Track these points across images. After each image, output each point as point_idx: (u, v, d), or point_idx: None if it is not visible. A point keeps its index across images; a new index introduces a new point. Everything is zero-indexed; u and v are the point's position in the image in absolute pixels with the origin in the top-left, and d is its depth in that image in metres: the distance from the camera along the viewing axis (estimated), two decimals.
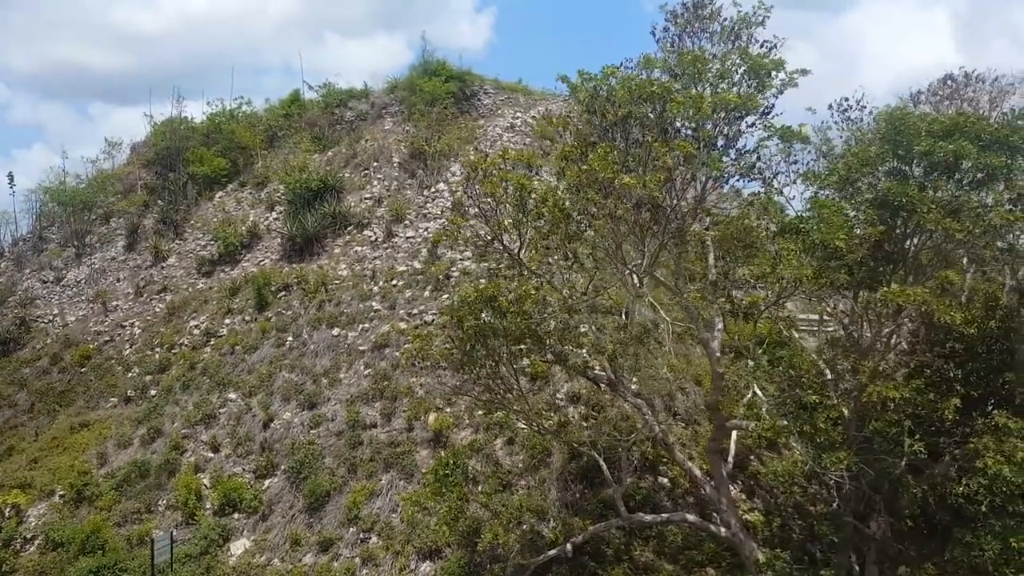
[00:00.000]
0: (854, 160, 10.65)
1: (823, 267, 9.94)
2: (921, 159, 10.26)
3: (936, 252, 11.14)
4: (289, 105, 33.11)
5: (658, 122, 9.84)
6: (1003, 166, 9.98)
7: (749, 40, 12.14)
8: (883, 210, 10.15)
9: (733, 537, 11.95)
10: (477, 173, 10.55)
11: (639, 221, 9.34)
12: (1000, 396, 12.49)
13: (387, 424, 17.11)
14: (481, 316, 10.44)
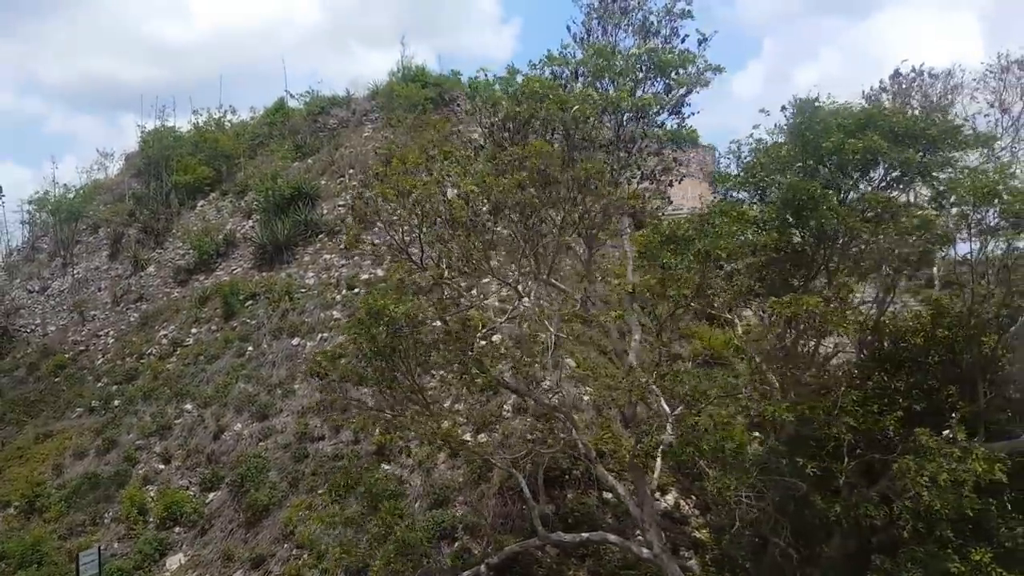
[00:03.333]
0: (765, 159, 10.10)
1: (712, 277, 9.40)
2: (831, 157, 9.66)
3: (858, 257, 10.52)
4: (273, 113, 33.19)
5: (544, 122, 9.39)
6: (917, 162, 9.36)
7: (673, 34, 11.61)
8: (789, 211, 9.59)
9: (656, 558, 11.42)
10: (377, 179, 10.22)
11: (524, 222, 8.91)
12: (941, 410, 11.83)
13: (334, 437, 16.84)
14: (377, 332, 10.08)
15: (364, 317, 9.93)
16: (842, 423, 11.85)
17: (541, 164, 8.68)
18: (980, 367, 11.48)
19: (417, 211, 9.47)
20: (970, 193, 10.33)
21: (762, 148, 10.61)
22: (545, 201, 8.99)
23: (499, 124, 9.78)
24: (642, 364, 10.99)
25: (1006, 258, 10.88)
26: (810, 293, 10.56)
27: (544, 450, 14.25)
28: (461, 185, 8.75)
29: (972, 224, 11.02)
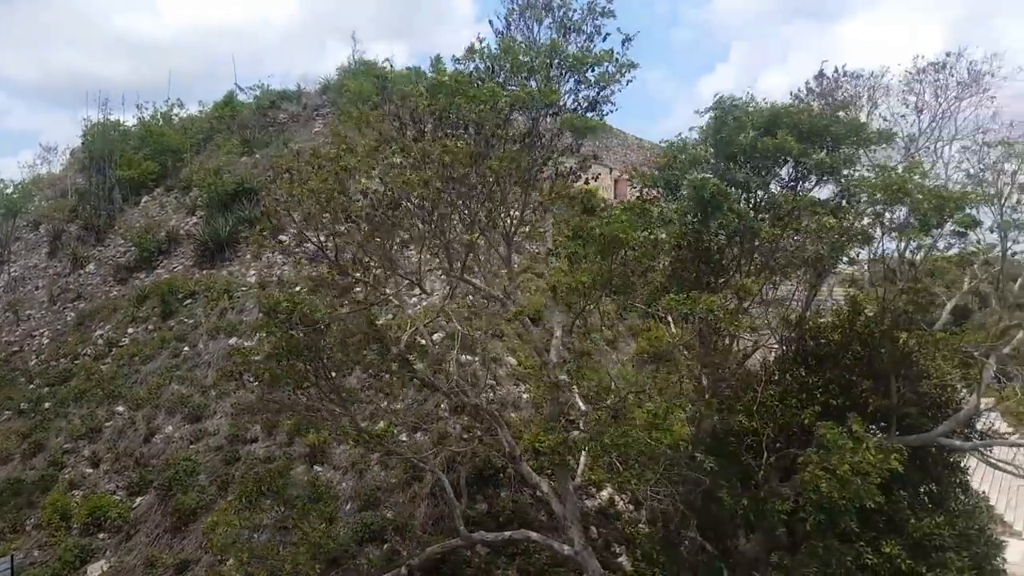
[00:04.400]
0: (681, 157, 10.12)
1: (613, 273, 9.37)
2: (744, 155, 9.71)
3: (768, 256, 10.60)
4: (222, 108, 32.59)
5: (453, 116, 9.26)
6: (823, 161, 9.45)
7: (595, 32, 11.58)
8: (698, 208, 9.61)
9: (576, 555, 11.44)
10: (286, 174, 10.03)
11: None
12: (857, 404, 12.00)
13: (268, 438, 16.57)
14: (281, 331, 9.89)
15: (266, 316, 9.73)
16: (761, 418, 12.02)
17: (447, 159, 8.58)
18: (894, 363, 11.67)
19: (328, 208, 9.29)
20: (880, 191, 10.50)
21: (678, 146, 10.64)
22: (453, 197, 8.90)
23: (409, 118, 9.65)
24: (563, 361, 10.96)
25: (914, 256, 11.08)
26: (722, 291, 10.64)
27: (477, 449, 14.26)
28: (363, 181, 8.61)
29: (884, 222, 11.23)
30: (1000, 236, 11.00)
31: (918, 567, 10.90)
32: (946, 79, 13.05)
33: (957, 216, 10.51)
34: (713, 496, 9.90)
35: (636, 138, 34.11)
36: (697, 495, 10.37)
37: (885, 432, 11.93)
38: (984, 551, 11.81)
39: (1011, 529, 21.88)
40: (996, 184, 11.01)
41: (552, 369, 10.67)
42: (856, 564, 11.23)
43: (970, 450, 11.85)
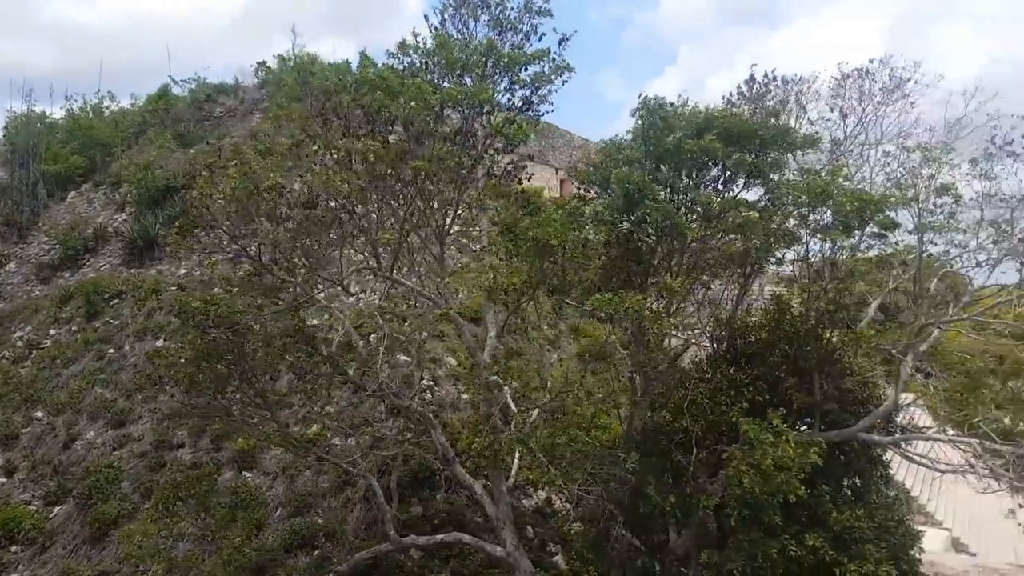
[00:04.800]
0: (613, 155, 10.17)
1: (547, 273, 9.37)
2: (671, 156, 9.81)
3: (696, 255, 10.76)
4: (156, 101, 31.50)
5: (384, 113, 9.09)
6: (745, 160, 9.62)
7: (531, 31, 11.50)
8: (625, 203, 9.66)
9: (508, 556, 11.40)
10: (206, 171, 9.70)
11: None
12: (783, 401, 12.29)
13: (195, 444, 16.05)
14: (207, 334, 9.56)
15: (179, 319, 9.38)
16: (692, 416, 12.19)
17: (371, 157, 8.41)
18: (818, 360, 11.98)
19: (246, 206, 9.01)
20: (805, 194, 10.76)
21: (612, 146, 10.69)
22: (379, 196, 8.73)
23: (333, 114, 9.42)
24: (495, 361, 10.90)
25: (837, 256, 11.39)
26: (650, 290, 10.75)
27: (412, 451, 14.08)
28: (277, 179, 8.38)
29: (809, 223, 11.51)
30: (918, 238, 11.33)
31: (839, 558, 11.20)
32: (870, 85, 13.38)
33: (877, 218, 10.85)
34: (641, 493, 9.96)
35: (582, 139, 34.35)
36: (625, 493, 10.44)
37: (810, 427, 12.27)
38: (901, 542, 12.21)
39: (932, 519, 22.84)
40: (915, 187, 11.32)
41: (484, 369, 10.60)
42: (781, 557, 11.51)
43: (889, 444, 12.23)
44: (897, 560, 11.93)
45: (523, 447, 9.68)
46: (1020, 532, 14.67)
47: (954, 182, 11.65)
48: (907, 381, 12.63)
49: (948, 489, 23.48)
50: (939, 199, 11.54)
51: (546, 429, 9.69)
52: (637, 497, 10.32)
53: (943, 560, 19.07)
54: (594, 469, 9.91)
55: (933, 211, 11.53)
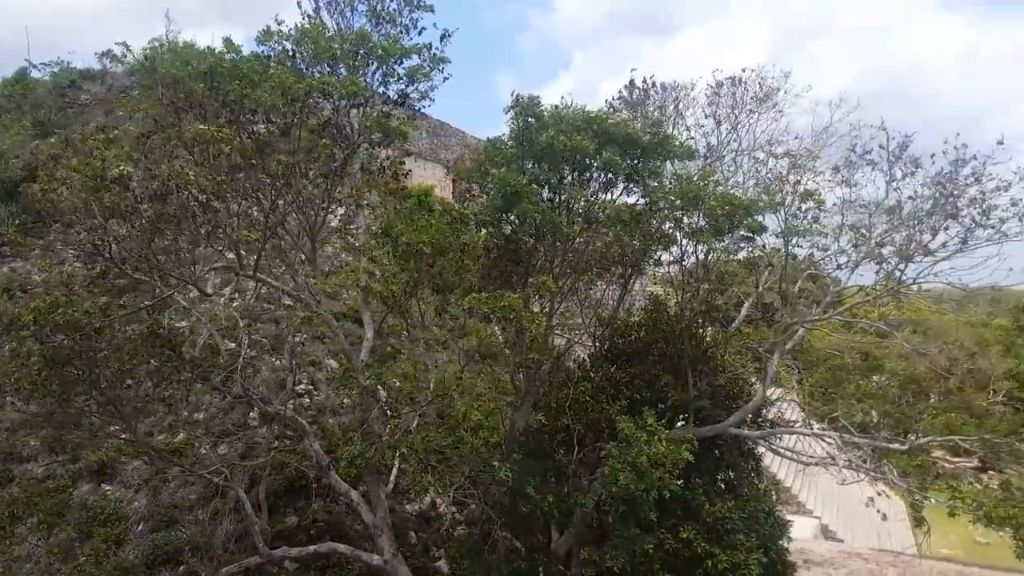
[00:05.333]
0: (491, 154, 10.04)
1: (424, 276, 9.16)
2: (547, 156, 9.78)
3: (576, 256, 10.81)
4: (12, 85, 28.87)
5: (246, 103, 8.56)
6: (622, 165, 9.74)
7: (411, 25, 11.19)
8: (503, 203, 9.56)
9: (386, 565, 11.07)
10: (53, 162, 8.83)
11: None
12: (660, 398, 12.59)
13: (49, 455, 14.70)
14: (52, 339, 8.69)
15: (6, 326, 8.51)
16: (574, 415, 12.26)
17: (227, 149, 7.89)
18: (692, 359, 12.33)
19: (93, 200, 8.24)
20: (678, 198, 11.03)
21: (489, 145, 10.56)
22: (239, 189, 8.21)
23: (187, 104, 8.80)
24: (368, 364, 10.52)
25: (708, 258, 11.75)
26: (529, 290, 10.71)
27: (286, 459, 13.49)
28: (124, 171, 7.71)
29: (684, 227, 11.81)
30: (784, 241, 11.81)
31: (712, 550, 11.58)
32: (743, 94, 13.94)
33: (746, 222, 11.25)
34: (521, 495, 9.88)
35: (475, 138, 34.28)
36: (504, 495, 10.33)
37: (685, 423, 12.61)
38: (770, 532, 12.76)
39: (804, 508, 24.18)
40: (781, 193, 11.81)
41: (359, 372, 10.22)
42: (658, 550, 11.76)
43: (758, 438, 12.73)
44: (767, 549, 12.47)
45: (390, 454, 9.34)
46: (880, 519, 15.64)
47: (818, 188, 12.27)
48: (776, 378, 13.24)
49: (818, 479, 24.94)
50: (804, 204, 12.09)
51: (428, 432, 9.42)
52: (517, 498, 10.22)
53: (812, 547, 20.18)
54: (474, 472, 9.72)
55: (798, 216, 12.09)
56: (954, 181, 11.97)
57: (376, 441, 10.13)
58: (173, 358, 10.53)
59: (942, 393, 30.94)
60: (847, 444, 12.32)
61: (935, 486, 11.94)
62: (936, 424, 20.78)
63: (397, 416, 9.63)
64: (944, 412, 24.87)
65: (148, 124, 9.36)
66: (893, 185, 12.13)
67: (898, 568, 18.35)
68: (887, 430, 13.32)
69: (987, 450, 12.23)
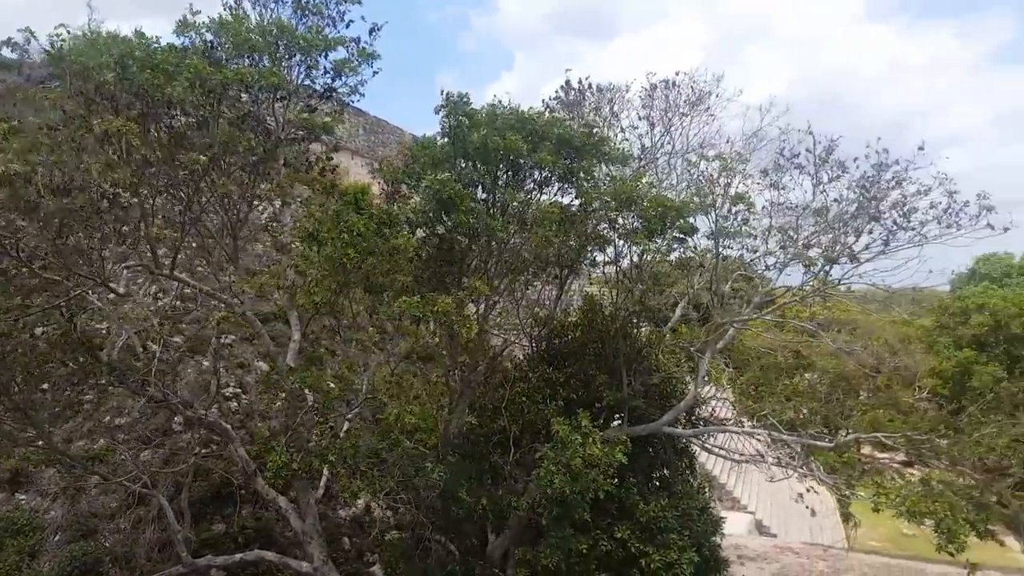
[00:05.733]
0: (422, 154, 9.88)
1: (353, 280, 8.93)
2: (477, 155, 9.68)
3: (511, 257, 10.73)
4: None
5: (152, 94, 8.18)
6: (554, 164, 9.72)
7: (338, 18, 10.89)
8: (437, 208, 9.43)
9: (316, 572, 10.77)
10: None
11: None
12: (595, 398, 12.64)
13: None
14: None
15: None
16: (510, 416, 12.19)
17: (136, 142, 7.51)
18: (627, 359, 12.40)
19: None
20: (612, 198, 11.06)
21: (419, 145, 10.39)
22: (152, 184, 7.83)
23: (96, 95, 8.38)
24: (291, 367, 10.23)
25: (642, 259, 11.84)
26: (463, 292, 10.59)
27: (212, 465, 13.05)
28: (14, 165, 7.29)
29: (618, 227, 11.86)
30: (715, 242, 11.97)
31: (645, 549, 11.67)
32: (676, 97, 14.11)
33: (678, 223, 11.36)
34: (454, 498, 9.74)
35: (413, 135, 33.97)
36: (436, 499, 10.18)
37: (620, 423, 12.68)
38: (703, 529, 12.95)
39: (739, 504, 24.69)
40: (712, 195, 11.98)
41: (284, 376, 9.91)
42: (593, 551, 11.78)
43: (690, 436, 12.89)
44: (700, 547, 12.64)
45: (315, 461, 9.08)
46: (810, 515, 15.99)
47: (747, 191, 12.50)
48: (709, 376, 13.44)
49: (753, 476, 25.52)
50: (734, 207, 12.30)
51: (360, 436, 9.20)
52: (449, 502, 10.08)
53: (747, 543, 20.61)
54: (405, 476, 9.54)
55: (729, 218, 12.28)
56: (877, 185, 12.37)
57: (304, 447, 9.85)
58: (89, 361, 10.04)
59: (870, 390, 32.05)
60: (776, 441, 12.55)
61: (861, 482, 12.29)
62: (864, 420, 21.44)
63: (325, 421, 9.35)
64: (872, 409, 25.72)
65: (58, 116, 8.89)
66: (819, 188, 12.45)
67: (828, 561, 18.88)
68: (815, 427, 13.67)
69: (908, 446, 12.65)
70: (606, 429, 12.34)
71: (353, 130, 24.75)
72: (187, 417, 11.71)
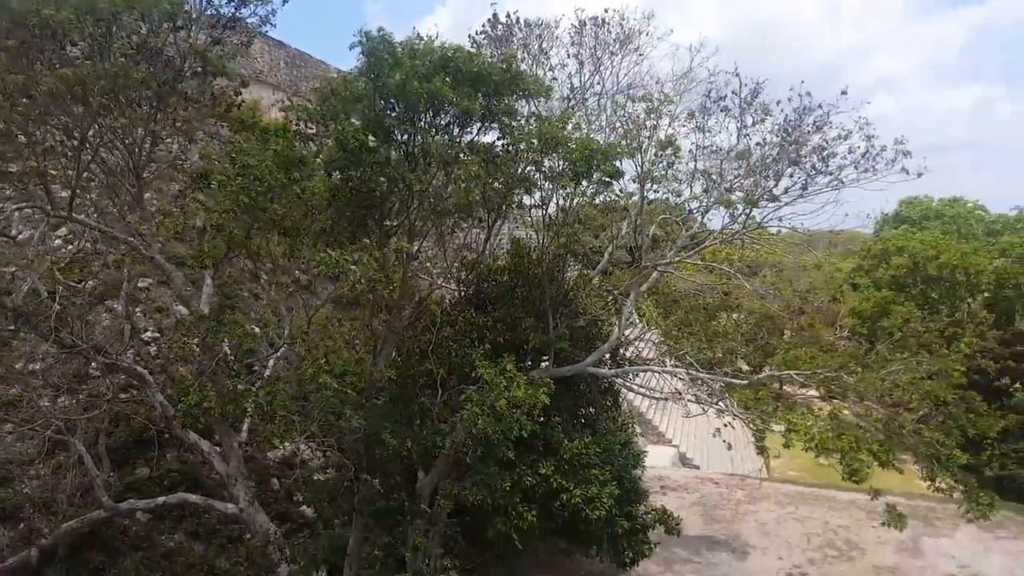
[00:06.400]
0: (341, 89, 9.51)
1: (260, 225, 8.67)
2: (398, 98, 9.40)
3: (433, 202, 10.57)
4: None
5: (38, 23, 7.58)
6: (480, 108, 9.53)
7: None
8: (345, 157, 9.16)
9: (242, 513, 10.82)
10: None
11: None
12: (521, 341, 12.80)
13: None
14: None
15: None
16: (438, 359, 12.25)
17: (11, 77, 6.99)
18: (553, 302, 12.53)
19: None
20: (537, 140, 10.92)
21: (337, 82, 9.99)
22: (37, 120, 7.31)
23: None
24: (206, 312, 10.01)
25: (568, 202, 11.85)
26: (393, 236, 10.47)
27: (134, 410, 12.82)
28: None
29: (544, 170, 11.78)
30: (640, 186, 12.03)
31: (567, 484, 12.10)
32: (605, 35, 13.91)
33: (604, 167, 11.35)
34: (378, 441, 9.80)
35: (339, 70, 32.72)
36: (362, 440, 10.25)
37: (547, 365, 12.91)
38: (625, 463, 13.47)
39: (664, 438, 25.71)
40: (639, 138, 11.98)
41: (197, 324, 9.69)
42: (517, 486, 12.15)
43: (613, 376, 13.23)
44: (620, 480, 13.16)
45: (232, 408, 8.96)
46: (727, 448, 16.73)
47: (675, 135, 12.54)
48: (631, 318, 13.72)
49: (677, 412, 26.55)
50: (661, 151, 12.34)
51: (281, 383, 9.09)
52: (373, 445, 10.17)
53: (670, 474, 21.57)
54: (326, 420, 9.53)
55: (655, 161, 12.34)
56: (799, 129, 12.56)
57: (222, 391, 9.72)
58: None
59: (794, 330, 33.41)
60: (695, 380, 12.99)
61: (774, 416, 12.84)
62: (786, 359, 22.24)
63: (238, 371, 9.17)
64: (794, 348, 26.74)
65: None
66: (744, 132, 12.60)
67: (745, 491, 19.95)
68: (734, 366, 14.15)
69: (819, 383, 13.25)
70: (533, 371, 12.57)
71: (274, 63, 23.65)
72: (103, 363, 11.41)
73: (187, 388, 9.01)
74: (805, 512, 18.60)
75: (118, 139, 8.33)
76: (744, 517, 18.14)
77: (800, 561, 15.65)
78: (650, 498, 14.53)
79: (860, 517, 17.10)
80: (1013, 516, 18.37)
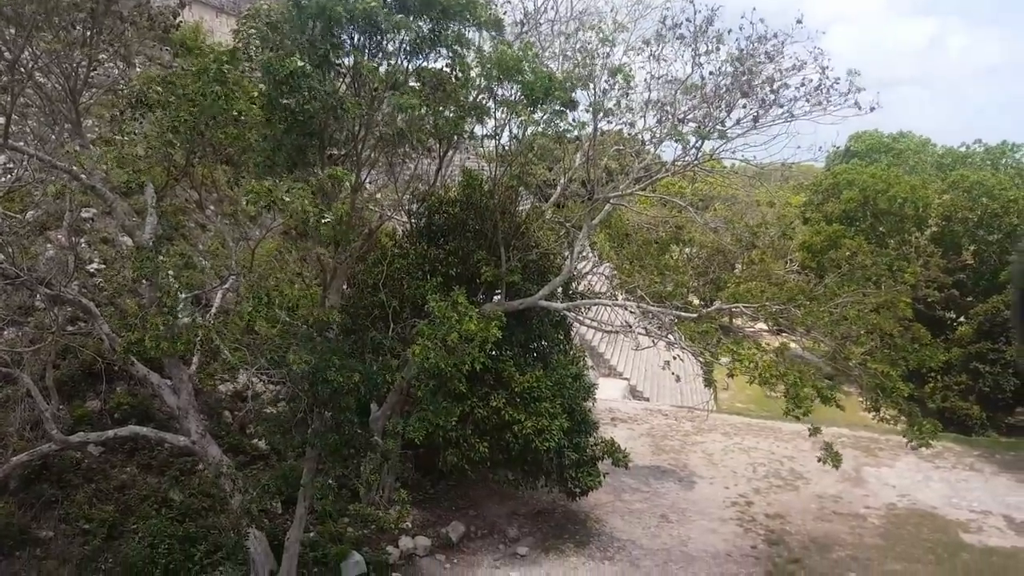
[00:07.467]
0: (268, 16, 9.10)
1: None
2: (336, 20, 9.00)
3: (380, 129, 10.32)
4: None
5: None
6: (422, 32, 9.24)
7: None
8: (275, 87, 8.80)
9: (194, 445, 10.82)
10: None
11: None
12: (473, 274, 12.82)
13: None
14: None
15: None
16: (389, 291, 12.20)
17: None
18: (505, 235, 12.51)
19: None
20: (495, 66, 10.63)
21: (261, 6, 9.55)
22: None
23: None
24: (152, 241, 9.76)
25: (521, 132, 11.69)
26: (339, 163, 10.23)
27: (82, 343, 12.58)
28: None
29: (497, 98, 11.54)
30: (593, 116, 11.92)
31: (518, 416, 12.35)
32: None
33: (558, 94, 11.16)
34: (323, 378, 9.77)
35: None
36: (308, 374, 10.22)
37: (499, 298, 12.99)
38: (575, 395, 13.75)
39: (615, 371, 26.30)
40: (592, 67, 11.81)
41: (144, 252, 9.44)
42: (469, 418, 12.37)
43: (564, 310, 13.36)
44: (571, 412, 13.46)
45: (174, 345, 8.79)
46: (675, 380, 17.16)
47: (628, 63, 12.34)
48: (585, 252, 13.84)
49: (629, 345, 27.12)
50: (611, 77, 12.13)
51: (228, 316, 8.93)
52: (319, 380, 10.16)
53: (620, 406, 22.15)
54: (275, 353, 9.46)
55: (608, 91, 12.20)
56: (752, 58, 12.45)
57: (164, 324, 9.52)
58: None
59: (745, 264, 34.09)
60: (646, 313, 13.21)
61: (720, 349, 13.12)
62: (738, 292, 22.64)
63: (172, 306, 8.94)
64: (745, 281, 27.37)
65: None
66: (697, 61, 12.45)
67: (693, 422, 20.62)
68: (683, 300, 14.40)
69: (767, 316, 13.58)
70: (485, 304, 12.64)
71: None
72: (47, 295, 11.12)
73: (129, 324, 8.82)
74: (751, 443, 19.26)
75: (53, 63, 7.88)
76: (692, 448, 18.76)
77: (746, 490, 16.31)
78: (600, 430, 14.88)
79: (805, 448, 17.64)
80: (953, 447, 19.24)
